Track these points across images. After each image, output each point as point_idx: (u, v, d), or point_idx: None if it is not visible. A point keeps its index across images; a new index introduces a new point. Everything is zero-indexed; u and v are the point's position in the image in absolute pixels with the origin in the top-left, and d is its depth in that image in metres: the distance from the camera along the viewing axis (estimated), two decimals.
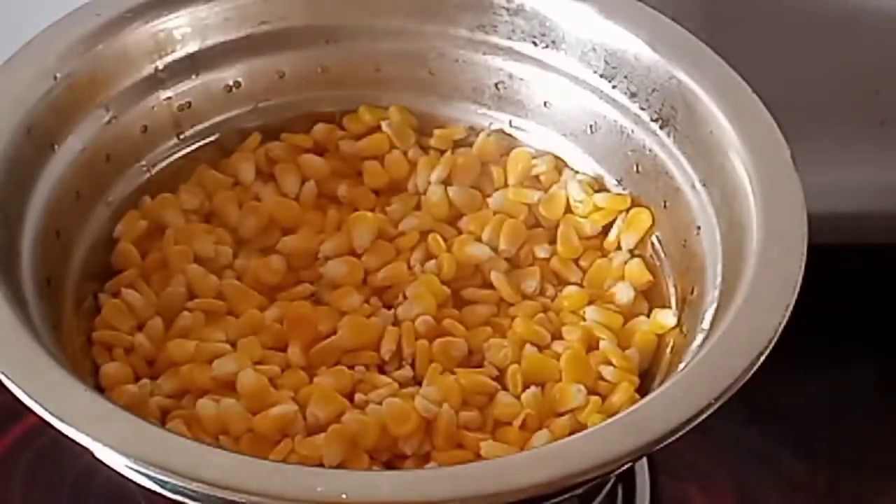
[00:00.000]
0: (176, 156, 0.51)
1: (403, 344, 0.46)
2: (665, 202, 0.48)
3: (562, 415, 0.44)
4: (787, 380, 0.58)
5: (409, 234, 0.50)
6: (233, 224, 0.50)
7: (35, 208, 0.45)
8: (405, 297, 0.48)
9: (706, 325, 0.43)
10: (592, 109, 0.50)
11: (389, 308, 0.48)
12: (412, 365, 0.46)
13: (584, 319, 0.47)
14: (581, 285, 0.49)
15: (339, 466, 0.42)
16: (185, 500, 0.37)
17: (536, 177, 0.51)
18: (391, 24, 0.51)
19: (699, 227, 0.46)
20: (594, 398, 0.44)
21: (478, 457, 0.43)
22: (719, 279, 0.44)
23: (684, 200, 0.47)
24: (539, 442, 0.43)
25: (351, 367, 0.46)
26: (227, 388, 0.44)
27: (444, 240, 0.50)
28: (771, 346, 0.39)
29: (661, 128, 0.48)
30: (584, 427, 0.43)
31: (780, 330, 0.40)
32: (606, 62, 0.49)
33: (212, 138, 0.52)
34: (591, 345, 0.46)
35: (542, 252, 0.50)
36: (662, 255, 0.48)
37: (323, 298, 0.48)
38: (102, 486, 0.54)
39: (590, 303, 0.48)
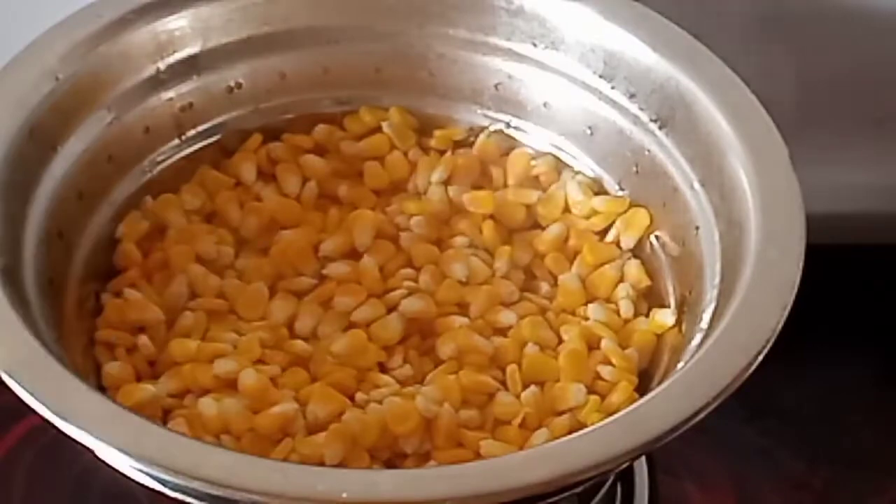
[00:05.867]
0: (177, 156, 0.51)
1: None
2: (664, 202, 0.48)
3: (561, 414, 0.44)
4: (786, 378, 0.58)
5: (410, 233, 0.50)
6: (234, 224, 0.50)
7: (37, 209, 0.45)
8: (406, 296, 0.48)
9: (705, 324, 0.43)
10: (591, 110, 0.50)
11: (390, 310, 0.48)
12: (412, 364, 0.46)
13: (583, 319, 0.47)
14: (579, 285, 0.49)
15: (339, 465, 0.42)
16: (187, 498, 0.37)
17: (536, 177, 0.51)
18: (391, 25, 0.52)
19: (698, 228, 0.46)
20: (593, 397, 0.45)
21: (478, 456, 0.43)
22: (718, 279, 0.44)
23: (683, 200, 0.47)
24: (538, 441, 0.43)
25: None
26: (228, 387, 0.44)
27: (442, 241, 0.50)
28: (769, 346, 0.39)
29: (659, 128, 0.48)
30: (583, 426, 0.43)
31: (777, 330, 0.40)
32: (605, 63, 0.49)
33: (213, 139, 0.52)
34: (590, 344, 0.46)
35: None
36: (661, 254, 0.48)
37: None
38: (104, 486, 0.55)
39: (587, 303, 0.48)
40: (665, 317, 0.47)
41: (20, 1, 0.55)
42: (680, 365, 0.42)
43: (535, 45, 0.51)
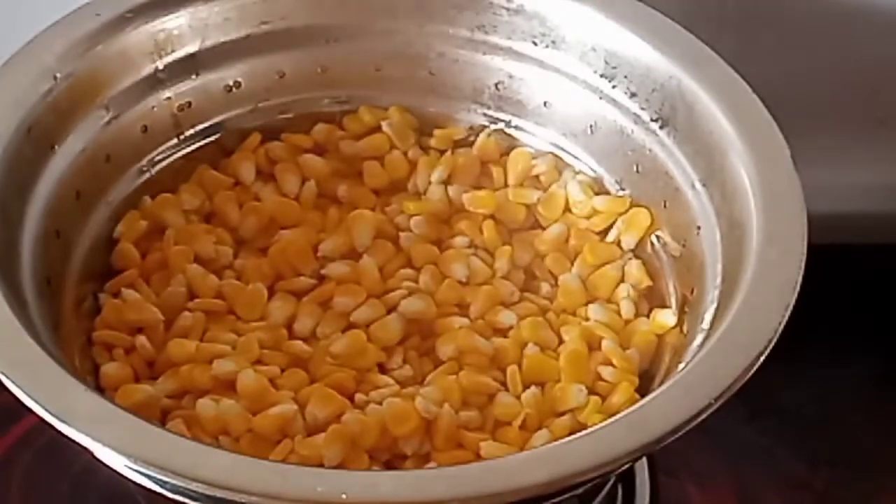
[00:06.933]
0: (176, 156, 0.51)
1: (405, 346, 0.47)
2: (665, 202, 0.48)
3: (562, 415, 0.44)
4: (787, 379, 0.58)
5: (410, 233, 0.50)
6: (233, 224, 0.50)
7: (35, 208, 0.45)
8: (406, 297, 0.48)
9: (706, 324, 0.42)
10: (592, 109, 0.50)
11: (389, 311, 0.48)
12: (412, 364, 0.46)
13: (584, 319, 0.47)
14: (580, 286, 0.49)
15: (338, 466, 0.42)
16: (185, 500, 0.37)
17: (536, 177, 0.51)
18: (391, 24, 0.51)
19: (699, 227, 0.46)
20: (594, 398, 0.44)
21: (478, 457, 0.43)
22: (719, 279, 0.44)
23: (684, 200, 0.47)
24: (539, 442, 0.43)
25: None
26: (227, 388, 0.44)
27: (442, 241, 0.50)
28: (771, 347, 0.39)
29: (661, 127, 0.48)
30: (583, 427, 0.43)
31: (779, 330, 0.40)
32: (606, 62, 0.49)
33: (212, 138, 0.52)
34: (591, 345, 0.46)
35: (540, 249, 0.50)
36: (662, 254, 0.48)
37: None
38: (102, 487, 0.54)
39: (588, 303, 0.48)
40: (666, 317, 0.47)
41: (19, 0, 0.55)
42: (681, 366, 0.42)
43: (535, 43, 0.51)
